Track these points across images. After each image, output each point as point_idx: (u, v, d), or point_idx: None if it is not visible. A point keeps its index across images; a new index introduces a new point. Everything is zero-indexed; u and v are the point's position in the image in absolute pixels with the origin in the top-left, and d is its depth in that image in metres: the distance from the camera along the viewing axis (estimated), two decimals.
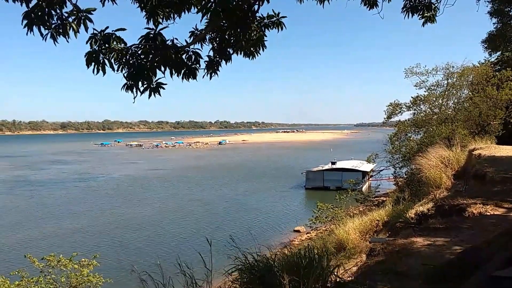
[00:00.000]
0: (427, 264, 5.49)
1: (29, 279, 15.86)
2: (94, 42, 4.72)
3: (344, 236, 13.32)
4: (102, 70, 4.72)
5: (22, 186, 70.59)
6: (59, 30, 4.54)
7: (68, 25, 4.52)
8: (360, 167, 66.34)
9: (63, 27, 4.52)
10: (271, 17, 5.70)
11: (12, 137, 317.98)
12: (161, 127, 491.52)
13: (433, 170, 13.43)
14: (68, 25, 4.52)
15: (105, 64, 4.72)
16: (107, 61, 4.72)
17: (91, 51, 4.70)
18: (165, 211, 50.98)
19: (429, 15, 7.07)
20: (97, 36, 4.72)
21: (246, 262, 5.34)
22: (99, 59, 4.68)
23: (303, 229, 38.96)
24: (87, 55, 4.69)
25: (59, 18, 4.52)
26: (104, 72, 4.73)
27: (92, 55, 4.68)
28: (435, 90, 30.31)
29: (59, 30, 4.54)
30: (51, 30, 4.53)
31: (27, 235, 39.60)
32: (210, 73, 5.68)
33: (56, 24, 4.53)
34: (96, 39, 4.72)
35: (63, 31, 4.53)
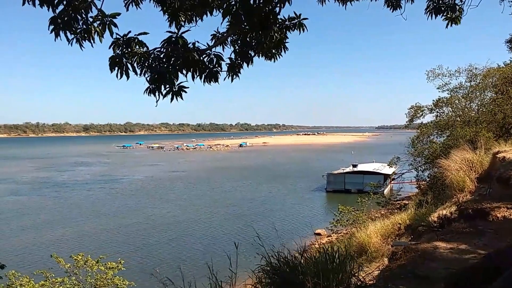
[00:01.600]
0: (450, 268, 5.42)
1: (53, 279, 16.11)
2: (117, 46, 4.79)
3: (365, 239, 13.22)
4: (126, 75, 4.77)
5: (47, 187, 72.10)
6: (84, 35, 4.62)
7: (93, 30, 4.61)
8: (381, 170, 65.69)
9: (88, 32, 4.60)
10: (293, 19, 5.69)
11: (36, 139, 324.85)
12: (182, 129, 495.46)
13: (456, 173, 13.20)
14: (93, 30, 4.61)
15: (128, 68, 4.77)
16: (130, 65, 4.78)
17: (115, 56, 4.76)
18: (189, 212, 51.49)
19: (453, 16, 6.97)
20: (120, 41, 4.79)
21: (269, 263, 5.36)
22: (122, 63, 4.74)
23: (324, 232, 38.75)
24: (111, 59, 4.74)
25: (84, 23, 4.60)
26: (127, 77, 4.78)
27: (116, 59, 4.74)
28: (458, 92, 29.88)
29: (84, 35, 4.62)
30: (76, 35, 4.61)
31: (52, 235, 40.42)
32: (232, 76, 5.70)
33: (82, 29, 4.61)
34: (119, 44, 4.79)
35: (88, 36, 4.61)
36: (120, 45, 4.79)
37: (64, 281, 15.97)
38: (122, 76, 4.76)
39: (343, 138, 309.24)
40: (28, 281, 15.91)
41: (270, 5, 5.42)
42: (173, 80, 4.90)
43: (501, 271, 4.00)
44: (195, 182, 77.54)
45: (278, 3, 5.40)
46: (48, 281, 16.02)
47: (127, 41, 4.79)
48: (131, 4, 5.15)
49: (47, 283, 15.93)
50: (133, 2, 5.15)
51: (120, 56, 4.76)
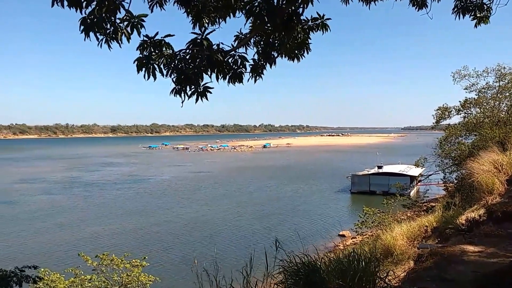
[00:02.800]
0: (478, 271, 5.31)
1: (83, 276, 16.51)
2: (144, 48, 4.87)
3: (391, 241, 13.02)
4: (153, 76, 4.84)
5: (77, 187, 73.81)
6: (113, 35, 4.70)
7: (121, 31, 4.69)
8: (407, 172, 64.75)
9: (116, 33, 4.69)
10: (316, 20, 5.68)
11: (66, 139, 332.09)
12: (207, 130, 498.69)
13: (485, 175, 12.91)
14: (120, 31, 4.69)
15: (155, 69, 4.84)
16: (157, 66, 4.84)
17: (142, 57, 4.83)
18: (216, 211, 52.06)
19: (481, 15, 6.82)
20: (147, 43, 4.85)
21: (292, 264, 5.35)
22: (149, 64, 4.81)
23: (348, 234, 38.46)
24: (138, 61, 4.82)
25: (112, 24, 4.68)
26: (154, 77, 4.84)
27: (143, 60, 4.81)
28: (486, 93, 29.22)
29: (113, 36, 4.70)
30: (105, 36, 4.70)
31: (81, 234, 41.35)
32: (255, 77, 5.73)
33: (110, 30, 4.70)
34: (146, 45, 4.86)
35: (116, 37, 4.70)
36: (147, 47, 4.86)
37: (93, 278, 16.34)
38: (149, 77, 4.82)
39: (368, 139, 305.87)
40: (58, 277, 16.31)
41: (293, 6, 5.42)
42: (198, 81, 4.95)
43: None
44: (221, 182, 78.12)
45: (301, 4, 5.40)
46: (77, 278, 16.42)
47: (154, 43, 4.86)
48: (155, 5, 5.22)
49: (76, 280, 16.32)
50: (158, 3, 5.22)
51: (147, 58, 4.82)
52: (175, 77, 4.94)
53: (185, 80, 4.89)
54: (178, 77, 4.92)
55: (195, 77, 4.89)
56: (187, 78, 4.88)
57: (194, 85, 4.95)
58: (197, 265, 6.12)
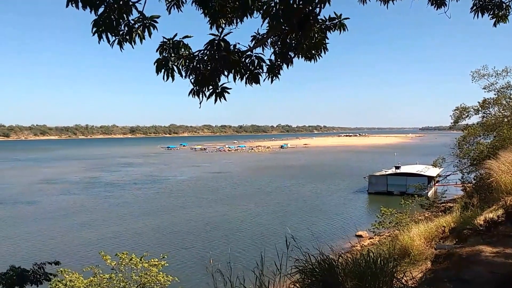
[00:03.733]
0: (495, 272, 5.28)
1: (102, 275, 16.72)
2: (164, 49, 4.94)
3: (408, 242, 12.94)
4: (171, 76, 4.90)
5: (97, 187, 74.85)
6: (126, 37, 4.75)
7: (135, 32, 4.74)
8: (425, 172, 64.07)
9: (130, 34, 4.74)
10: (333, 19, 5.65)
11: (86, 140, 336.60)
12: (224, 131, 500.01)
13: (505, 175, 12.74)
14: (134, 32, 4.74)
15: (174, 70, 4.90)
16: (175, 67, 4.91)
17: (161, 58, 4.89)
18: (235, 211, 52.34)
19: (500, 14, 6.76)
20: (167, 44, 4.93)
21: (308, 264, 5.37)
22: (168, 66, 4.87)
23: (365, 234, 38.25)
24: (157, 62, 4.88)
25: (126, 25, 4.73)
26: (173, 78, 4.91)
27: (162, 62, 4.87)
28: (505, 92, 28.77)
29: (126, 37, 4.75)
30: (118, 37, 4.74)
31: (102, 233, 41.90)
32: (272, 77, 5.73)
33: (123, 31, 4.74)
34: (165, 47, 4.93)
35: (129, 38, 4.75)
36: (166, 48, 4.93)
37: (112, 277, 16.54)
38: (168, 78, 4.89)
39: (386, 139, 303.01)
40: (77, 277, 16.55)
41: (310, 6, 5.43)
42: (216, 82, 5.01)
43: None
44: (239, 182, 78.51)
45: (318, 4, 5.41)
46: (97, 277, 16.64)
47: (173, 44, 4.92)
48: (173, 7, 5.29)
49: (95, 279, 16.55)
50: (175, 5, 5.29)
51: (166, 59, 4.89)
52: (193, 78, 5.00)
53: (203, 81, 4.95)
54: (196, 78, 4.98)
55: (213, 78, 4.95)
56: (205, 79, 4.94)
57: (212, 86, 5.02)
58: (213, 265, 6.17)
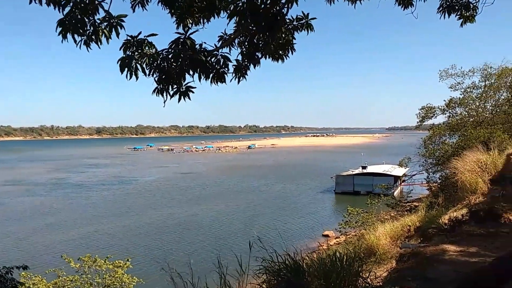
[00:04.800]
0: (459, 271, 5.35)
1: (65, 277, 16.31)
2: (128, 47, 4.80)
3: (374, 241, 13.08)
4: (135, 75, 4.76)
5: (62, 189, 72.99)
6: (92, 37, 4.63)
7: (101, 32, 4.62)
8: (391, 172, 65.28)
9: (96, 34, 4.62)
10: (300, 19, 5.63)
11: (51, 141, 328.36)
12: (192, 131, 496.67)
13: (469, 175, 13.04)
14: (101, 32, 4.62)
15: (137, 69, 4.77)
16: (139, 66, 4.77)
17: (125, 57, 4.75)
18: (200, 212, 51.94)
19: (467, 14, 6.84)
20: (131, 42, 4.79)
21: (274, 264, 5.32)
22: (132, 64, 4.73)
23: (332, 234, 38.64)
24: (121, 61, 4.74)
25: (92, 25, 4.61)
26: (137, 77, 4.77)
27: (126, 60, 4.74)
28: (471, 92, 29.52)
29: (92, 37, 4.63)
30: (84, 37, 4.62)
31: (63, 235, 40.86)
32: (238, 77, 5.66)
33: (90, 31, 4.62)
34: (129, 45, 4.80)
35: (95, 38, 4.63)
36: (130, 47, 4.80)
37: (75, 279, 16.14)
38: (131, 77, 4.75)
39: (353, 139, 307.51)
40: (40, 279, 16.08)
41: (278, 6, 5.38)
42: (181, 81, 4.90)
43: None
44: (207, 183, 78.03)
45: (285, 4, 5.36)
46: (60, 279, 16.21)
47: (137, 43, 4.79)
48: (137, 5, 5.16)
49: (58, 282, 16.12)
50: (140, 3, 5.15)
51: (130, 57, 4.76)
52: (157, 76, 4.89)
53: (167, 79, 4.85)
54: (160, 76, 4.87)
55: (178, 77, 4.85)
56: (170, 78, 4.84)
57: (176, 85, 4.91)
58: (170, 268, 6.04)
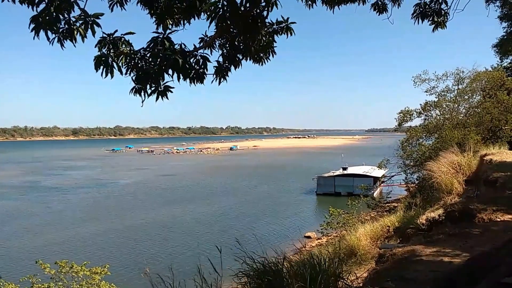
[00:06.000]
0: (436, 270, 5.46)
1: (39, 285, 15.88)
2: (103, 45, 4.76)
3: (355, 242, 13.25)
4: (111, 74, 4.73)
5: (34, 192, 71.31)
6: (66, 34, 4.58)
7: (76, 30, 4.57)
8: (371, 173, 66.03)
9: (70, 31, 4.56)
10: (280, 23, 5.67)
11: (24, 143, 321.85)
12: (172, 133, 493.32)
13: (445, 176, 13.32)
14: (75, 30, 4.57)
15: (113, 67, 4.74)
16: (115, 64, 4.75)
17: (100, 55, 4.72)
18: (178, 215, 51.54)
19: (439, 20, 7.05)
20: (106, 40, 4.76)
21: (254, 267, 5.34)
22: (108, 62, 4.70)
23: (314, 235, 38.84)
24: (96, 58, 4.71)
25: (66, 22, 4.55)
26: (112, 75, 4.74)
27: (101, 58, 4.71)
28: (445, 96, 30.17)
29: (66, 35, 4.58)
30: (58, 34, 4.56)
31: (39, 241, 39.94)
32: (219, 79, 5.68)
33: (64, 29, 4.57)
34: (104, 43, 4.76)
35: (70, 36, 4.58)
36: (106, 44, 4.76)
37: (50, 286, 15.73)
38: (107, 75, 4.73)
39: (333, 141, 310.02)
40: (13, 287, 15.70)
41: (258, 9, 5.41)
42: (159, 80, 4.89)
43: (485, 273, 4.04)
44: (187, 185, 77.50)
45: (265, 7, 5.40)
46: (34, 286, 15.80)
47: (113, 41, 4.77)
48: (115, 5, 5.13)
49: None
50: (118, 3, 5.13)
51: (105, 56, 4.72)
52: (134, 75, 4.87)
53: (145, 78, 4.83)
54: (138, 75, 4.85)
55: (156, 76, 4.84)
56: (147, 77, 4.82)
57: (154, 84, 4.90)
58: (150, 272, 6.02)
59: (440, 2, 7.03)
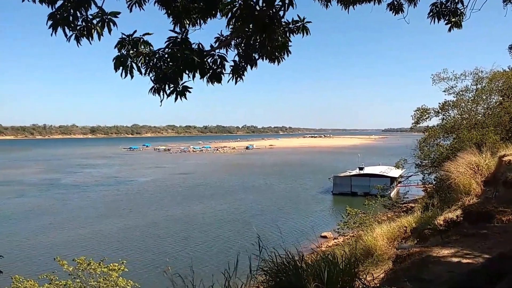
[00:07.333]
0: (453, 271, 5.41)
1: (58, 282, 16.08)
2: (123, 46, 4.81)
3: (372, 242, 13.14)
4: (130, 74, 4.78)
5: (55, 189, 72.58)
6: (84, 32, 4.63)
7: (93, 27, 4.62)
8: (388, 173, 65.48)
9: (88, 29, 4.61)
10: (296, 22, 5.69)
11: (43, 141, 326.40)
12: (189, 131, 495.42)
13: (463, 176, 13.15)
14: (92, 27, 4.62)
15: (133, 68, 4.79)
16: (135, 65, 4.80)
17: (119, 55, 4.77)
18: (197, 212, 52.04)
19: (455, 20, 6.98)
20: (126, 40, 4.80)
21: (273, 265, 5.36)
22: (127, 63, 4.76)
23: (330, 235, 38.73)
24: (115, 59, 4.76)
25: (84, 20, 4.61)
26: (132, 76, 4.80)
27: (120, 59, 4.75)
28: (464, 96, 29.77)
29: (84, 32, 4.63)
30: (75, 31, 4.62)
31: (59, 237, 40.65)
32: (236, 78, 5.71)
33: (81, 26, 4.62)
34: (124, 43, 4.81)
35: (87, 33, 4.62)
36: (125, 45, 4.81)
37: (68, 284, 15.92)
38: (126, 76, 4.77)
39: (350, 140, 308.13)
40: (32, 284, 15.92)
41: (274, 9, 5.43)
42: (178, 80, 4.93)
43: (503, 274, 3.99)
44: (204, 184, 78.10)
45: (282, 7, 5.41)
46: (53, 283, 16.00)
47: (133, 41, 4.81)
48: (134, 5, 5.18)
49: (51, 287, 15.91)
50: (137, 3, 5.18)
51: (125, 56, 4.77)
52: (153, 76, 4.91)
53: (163, 79, 4.87)
54: (156, 76, 4.89)
55: (174, 76, 4.88)
56: (166, 77, 4.86)
57: (173, 84, 4.94)
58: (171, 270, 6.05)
59: (456, 2, 6.97)
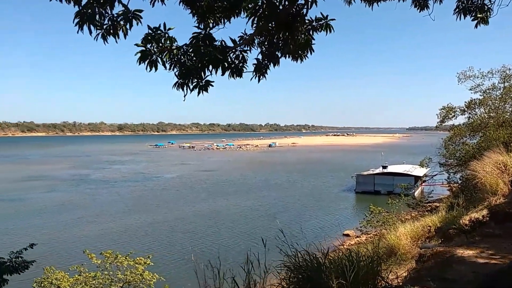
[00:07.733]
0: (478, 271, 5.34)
1: (87, 274, 16.63)
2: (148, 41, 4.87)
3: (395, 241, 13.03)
4: (155, 67, 4.86)
5: (85, 184, 74.23)
6: (110, 30, 4.72)
7: (119, 26, 4.71)
8: (412, 172, 64.58)
9: (114, 28, 4.71)
10: (319, 20, 5.61)
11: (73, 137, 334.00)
12: (213, 129, 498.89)
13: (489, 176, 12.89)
14: (118, 26, 4.70)
15: (157, 62, 4.87)
16: (160, 59, 4.88)
17: (144, 50, 4.84)
18: (222, 208, 52.51)
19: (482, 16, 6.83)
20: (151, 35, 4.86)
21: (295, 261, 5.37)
22: (152, 57, 4.84)
23: (352, 233, 38.47)
24: (141, 53, 4.83)
25: (110, 19, 4.70)
26: (156, 69, 4.88)
27: (146, 53, 4.83)
28: (491, 94, 29.11)
29: (110, 31, 4.72)
30: (102, 30, 4.71)
31: (89, 231, 41.56)
32: (259, 76, 5.70)
33: (107, 25, 4.71)
34: (149, 38, 4.87)
35: (113, 32, 4.72)
36: (150, 40, 4.87)
37: (97, 275, 16.45)
38: (151, 69, 4.85)
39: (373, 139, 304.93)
40: (63, 275, 16.44)
41: (297, 7, 5.43)
42: (201, 75, 5.00)
43: None
44: (228, 180, 78.73)
45: (305, 4, 5.40)
46: (82, 275, 16.54)
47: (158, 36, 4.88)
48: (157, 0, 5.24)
49: (80, 278, 16.45)
50: None
51: (150, 50, 4.85)
52: (177, 71, 4.99)
53: (187, 74, 4.94)
54: (180, 71, 4.97)
55: (198, 72, 4.95)
56: (190, 72, 4.93)
57: (196, 79, 5.01)
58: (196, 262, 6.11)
59: None
